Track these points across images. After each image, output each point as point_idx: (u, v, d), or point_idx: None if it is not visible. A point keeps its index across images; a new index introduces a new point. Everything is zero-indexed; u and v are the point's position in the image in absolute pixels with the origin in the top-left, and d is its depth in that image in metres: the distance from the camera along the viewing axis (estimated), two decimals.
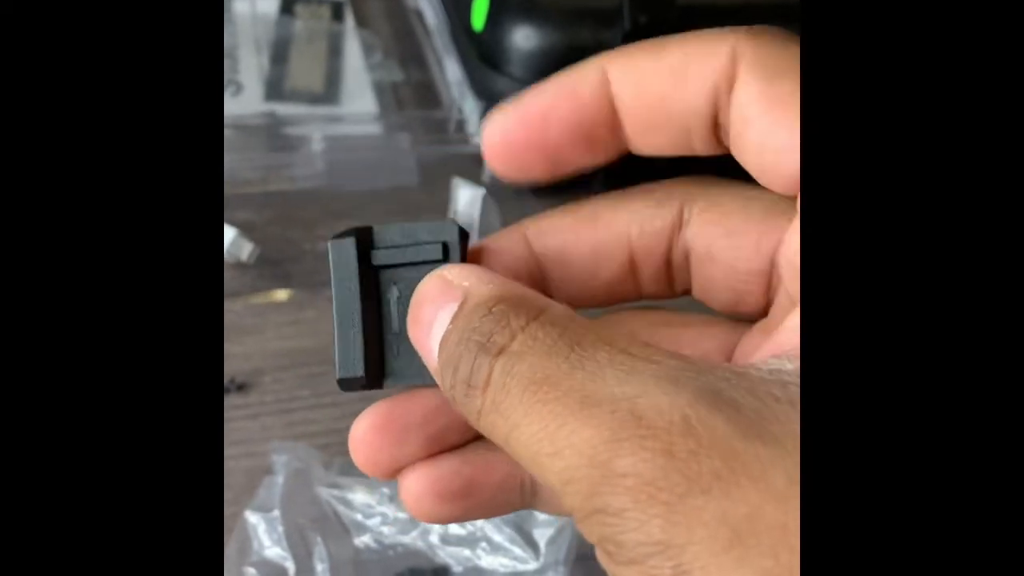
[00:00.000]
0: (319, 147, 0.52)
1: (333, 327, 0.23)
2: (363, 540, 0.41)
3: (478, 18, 0.52)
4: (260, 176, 0.53)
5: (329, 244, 0.24)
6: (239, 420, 0.46)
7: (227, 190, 0.54)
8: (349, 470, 0.43)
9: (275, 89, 0.63)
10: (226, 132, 0.54)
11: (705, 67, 0.21)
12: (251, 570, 0.39)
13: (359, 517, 0.42)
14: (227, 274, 0.51)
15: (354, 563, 0.41)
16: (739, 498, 0.17)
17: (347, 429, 0.24)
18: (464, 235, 0.24)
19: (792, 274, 0.22)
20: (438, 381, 0.21)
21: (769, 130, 0.20)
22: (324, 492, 0.42)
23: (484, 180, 0.50)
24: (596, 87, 0.23)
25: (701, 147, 0.23)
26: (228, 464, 0.44)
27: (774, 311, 0.23)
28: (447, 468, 0.24)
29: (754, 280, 0.23)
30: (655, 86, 0.22)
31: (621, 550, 0.17)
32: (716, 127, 0.22)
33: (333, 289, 0.23)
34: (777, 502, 0.17)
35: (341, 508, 0.42)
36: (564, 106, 0.23)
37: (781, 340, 0.21)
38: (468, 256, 0.24)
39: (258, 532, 0.40)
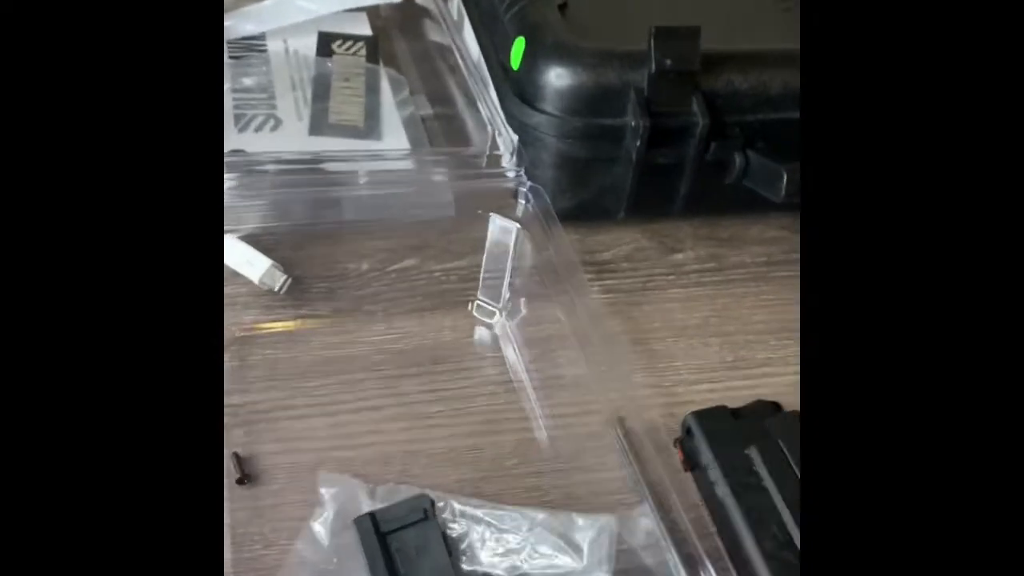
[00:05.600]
0: (362, 180, 0.55)
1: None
2: None
3: (515, 58, 0.55)
4: (305, 210, 0.56)
5: (354, 522, 0.43)
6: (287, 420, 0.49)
7: (273, 223, 0.56)
8: (390, 496, 0.46)
9: (319, 124, 0.66)
10: (272, 168, 0.57)
11: None
12: None
13: None
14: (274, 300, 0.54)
15: None
16: None
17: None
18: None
19: None
20: None
21: None
22: None
23: (518, 215, 0.52)
24: None
25: None
26: (276, 460, 0.47)
27: None
28: None
29: None
30: None
31: None
32: None
33: (363, 551, 0.42)
34: None
35: None
36: None
37: None
38: None
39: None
